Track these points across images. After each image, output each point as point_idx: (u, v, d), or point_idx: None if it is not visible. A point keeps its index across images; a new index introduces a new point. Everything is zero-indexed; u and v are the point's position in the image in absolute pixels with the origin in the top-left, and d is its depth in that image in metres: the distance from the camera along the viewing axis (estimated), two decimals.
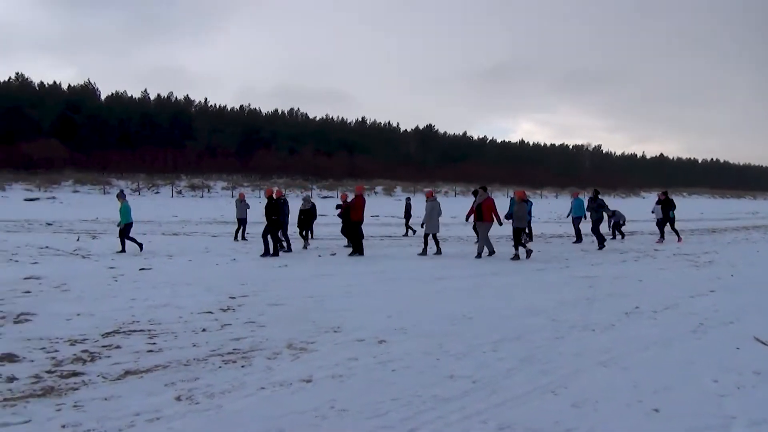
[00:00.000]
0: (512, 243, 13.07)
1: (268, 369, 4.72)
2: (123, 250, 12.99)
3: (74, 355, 5.00)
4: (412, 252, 13.80)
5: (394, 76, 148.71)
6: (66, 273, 9.65)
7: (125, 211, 13.51)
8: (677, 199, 21.44)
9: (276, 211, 13.31)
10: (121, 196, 14.11)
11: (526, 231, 14.59)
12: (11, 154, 46.94)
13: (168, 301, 7.48)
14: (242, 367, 4.77)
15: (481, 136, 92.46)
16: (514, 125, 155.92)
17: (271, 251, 12.99)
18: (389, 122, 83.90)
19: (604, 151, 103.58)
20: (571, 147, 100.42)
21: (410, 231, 19.49)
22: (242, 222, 16.95)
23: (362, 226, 13.83)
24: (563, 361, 5.10)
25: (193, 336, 5.75)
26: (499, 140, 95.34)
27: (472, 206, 14.00)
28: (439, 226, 13.83)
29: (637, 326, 6.52)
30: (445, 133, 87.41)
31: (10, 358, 4.87)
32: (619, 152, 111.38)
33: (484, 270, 11.21)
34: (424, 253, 13.42)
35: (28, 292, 7.93)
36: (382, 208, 29.55)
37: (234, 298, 7.80)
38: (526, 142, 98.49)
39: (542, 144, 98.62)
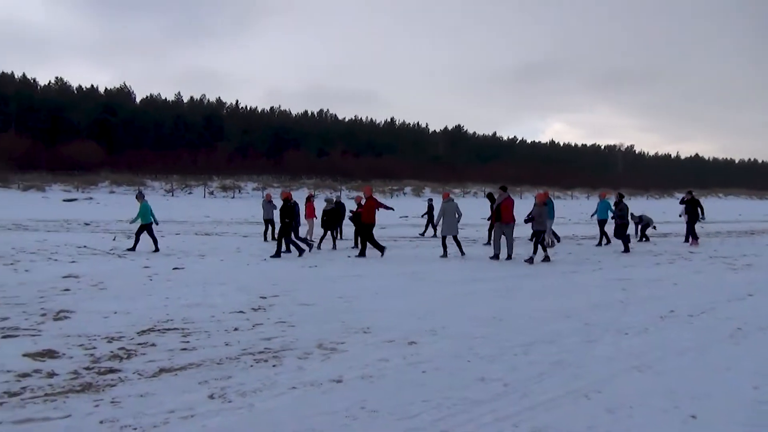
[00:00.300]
0: (537, 245, 12.72)
1: (299, 369, 4.76)
2: (133, 248, 13.26)
3: (111, 352, 5.12)
4: (436, 252, 13.72)
5: (423, 76, 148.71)
6: (103, 272, 9.90)
7: (144, 211, 13.74)
8: (713, 201, 20.88)
9: (290, 214, 13.38)
10: (140, 196, 14.30)
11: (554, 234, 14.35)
12: (51, 156, 48.38)
13: (201, 300, 7.61)
14: (273, 366, 4.82)
15: (510, 137, 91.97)
16: (545, 125, 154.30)
17: (281, 253, 13.01)
18: (418, 123, 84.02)
19: (637, 152, 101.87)
20: (603, 147, 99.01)
21: (430, 231, 19.54)
22: (269, 223, 17.12)
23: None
24: (596, 365, 5.02)
25: (225, 335, 5.84)
26: (529, 140, 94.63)
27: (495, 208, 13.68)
28: (456, 228, 13.49)
29: (672, 330, 6.38)
30: (475, 133, 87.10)
31: (51, 354, 5.01)
32: (652, 152, 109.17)
33: (515, 272, 11.11)
34: (444, 255, 13.24)
35: (67, 290, 8.16)
36: (411, 209, 29.50)
37: (265, 297, 7.89)
38: (556, 142, 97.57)
39: (573, 144, 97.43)
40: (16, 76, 60.68)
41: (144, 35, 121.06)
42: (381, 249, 13.38)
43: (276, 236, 16.09)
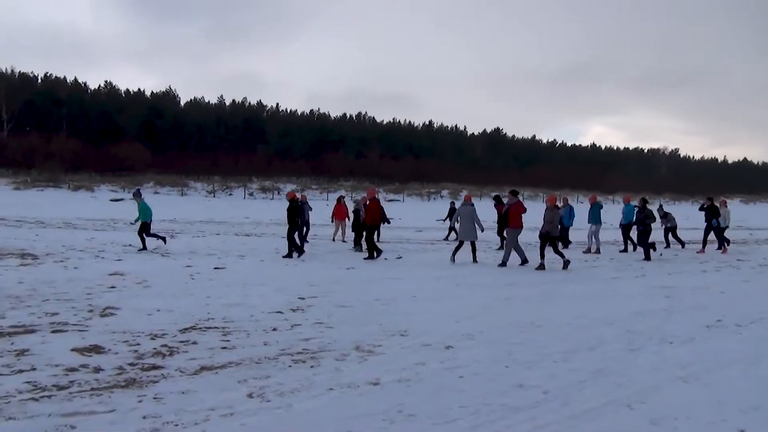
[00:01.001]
0: (553, 251, 12.27)
1: (337, 370, 4.78)
2: (144, 248, 13.35)
3: (154, 349, 5.25)
4: (479, 257, 13.60)
5: (462, 79, 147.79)
6: (147, 270, 10.17)
7: (143, 209, 13.81)
8: (762, 207, 19.95)
9: (295, 213, 13.45)
10: (138, 195, 14.38)
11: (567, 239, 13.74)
12: (100, 158, 50.08)
13: (241, 300, 7.73)
14: (311, 367, 4.86)
15: (550, 140, 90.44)
16: (585, 128, 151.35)
17: (294, 252, 13.08)
18: (456, 126, 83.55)
19: (681, 155, 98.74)
20: (646, 151, 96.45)
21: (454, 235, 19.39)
22: (305, 224, 17.27)
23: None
24: (639, 374, 4.89)
25: (264, 335, 5.91)
26: (569, 144, 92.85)
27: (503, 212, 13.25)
28: (475, 233, 12.95)
29: (719, 340, 6.17)
30: (513, 136, 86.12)
31: (97, 349, 5.17)
32: (698, 156, 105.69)
33: (554, 278, 10.92)
34: (474, 260, 12.71)
35: (113, 287, 8.41)
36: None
37: (303, 298, 7.96)
38: (597, 145, 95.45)
39: (615, 147, 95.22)
40: (68, 81, 63.04)
41: (188, 39, 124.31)
42: (378, 252, 13.23)
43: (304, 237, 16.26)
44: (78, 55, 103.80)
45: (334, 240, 17.46)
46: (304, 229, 15.81)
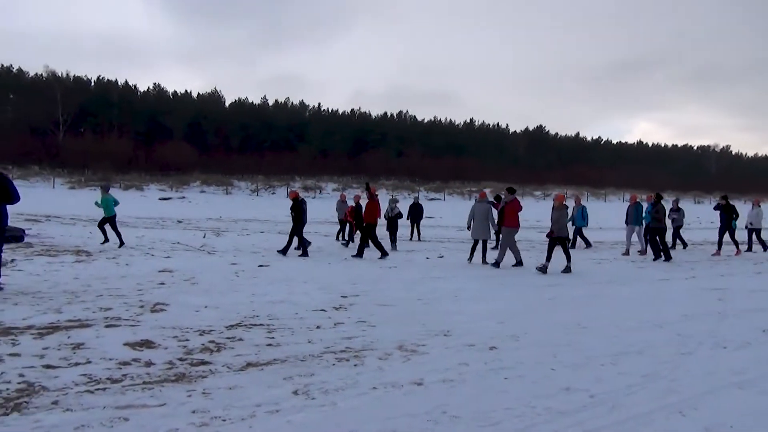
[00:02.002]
0: (563, 251, 11.51)
1: (380, 369, 4.80)
2: (106, 240, 13.52)
3: (202, 344, 5.38)
4: (527, 257, 13.41)
5: (504, 76, 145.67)
6: (194, 267, 10.42)
7: (106, 203, 13.87)
8: None
9: (299, 211, 13.46)
10: (105, 189, 14.49)
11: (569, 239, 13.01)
12: (149, 158, 51.68)
13: (285, 297, 7.84)
14: (355, 366, 4.89)
15: (594, 137, 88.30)
16: (632, 125, 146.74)
17: (305, 250, 13.12)
18: (498, 123, 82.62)
19: (733, 153, 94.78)
20: (695, 148, 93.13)
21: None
22: (344, 223, 17.36)
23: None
24: (692, 379, 4.73)
25: (308, 332, 5.98)
26: (614, 141, 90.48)
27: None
28: (489, 232, 12.56)
29: None
30: (557, 134, 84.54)
31: (148, 344, 5.33)
32: (751, 153, 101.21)
33: (600, 279, 10.68)
34: (484, 261, 12.29)
35: (162, 283, 8.66)
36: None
37: (346, 297, 8.02)
38: (644, 142, 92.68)
39: (663, 145, 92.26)
40: (119, 84, 65.25)
41: (234, 41, 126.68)
42: (367, 250, 13.17)
43: (348, 236, 16.32)
44: (129, 59, 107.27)
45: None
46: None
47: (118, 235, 13.61)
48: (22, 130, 51.48)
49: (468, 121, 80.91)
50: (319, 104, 74.15)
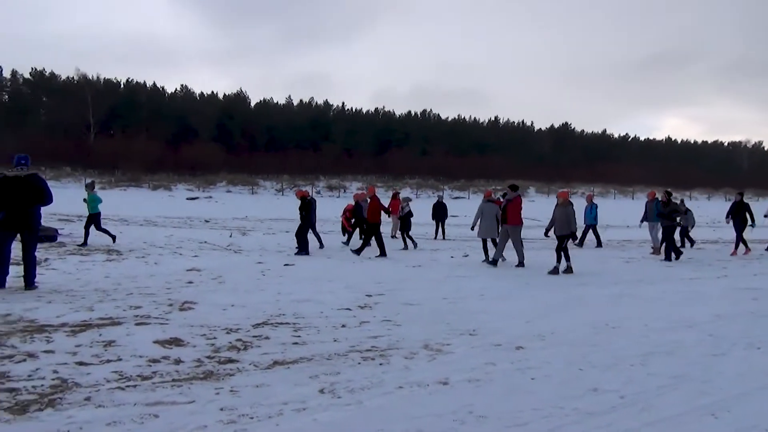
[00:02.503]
0: (559, 253, 11.09)
1: (406, 368, 4.79)
2: (85, 243, 12.96)
3: (230, 343, 5.44)
4: (547, 256, 13.27)
5: (529, 73, 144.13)
6: (221, 266, 10.56)
7: (94, 200, 13.73)
8: None
9: (308, 210, 13.50)
10: (90, 186, 14.41)
11: (576, 238, 12.72)
12: (177, 158, 52.50)
13: (310, 296, 7.88)
14: (380, 365, 4.89)
15: (622, 134, 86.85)
16: (660, 121, 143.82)
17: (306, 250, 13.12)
18: (522, 121, 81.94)
19: (765, 148, 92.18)
20: (726, 144, 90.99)
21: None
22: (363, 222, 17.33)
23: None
24: (724, 381, 4.62)
25: (333, 331, 6.01)
26: (642, 138, 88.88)
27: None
28: (496, 231, 12.32)
29: None
30: (583, 131, 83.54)
31: (177, 342, 5.41)
32: None
33: (629, 277, 10.51)
34: (492, 263, 11.89)
35: (191, 282, 8.78)
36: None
37: (370, 296, 8.03)
38: (673, 139, 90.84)
39: (692, 141, 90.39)
40: (147, 85, 66.44)
41: (259, 42, 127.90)
42: (367, 248, 13.15)
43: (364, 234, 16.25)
44: (157, 61, 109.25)
45: (394, 236, 17.37)
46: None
47: (106, 232, 13.65)
48: (55, 131, 52.77)
49: (492, 119, 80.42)
50: (343, 103, 74.51)
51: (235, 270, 10.20)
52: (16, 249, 7.98)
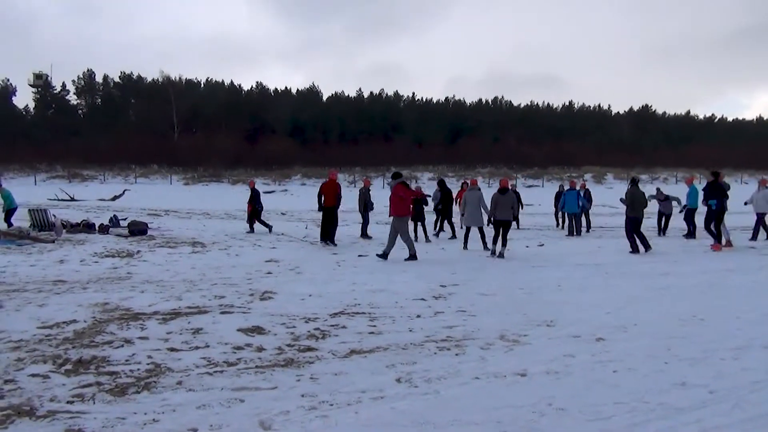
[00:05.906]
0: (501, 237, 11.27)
1: (482, 359, 4.77)
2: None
3: (308, 331, 5.61)
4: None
5: (606, 54, 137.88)
6: (298, 257, 10.87)
7: (7, 196, 14.02)
8: None
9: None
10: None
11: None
12: (254, 153, 54.32)
13: (384, 286, 7.97)
14: (456, 355, 4.89)
15: (708, 115, 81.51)
16: (750, 100, 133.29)
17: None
18: (599, 105, 78.50)
19: None
20: None
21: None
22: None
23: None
24: None
25: (408, 321, 6.06)
26: (730, 118, 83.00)
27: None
28: (481, 219, 12.47)
29: None
30: (664, 113, 78.99)
31: (259, 330, 5.65)
32: None
33: (717, 267, 9.92)
34: (484, 247, 12.10)
35: (270, 273, 9.11)
36: (595, 198, 27.79)
37: (444, 286, 8.02)
38: (765, 118, 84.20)
39: None
40: (225, 84, 69.02)
41: (331, 36, 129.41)
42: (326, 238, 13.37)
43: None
44: (234, 59, 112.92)
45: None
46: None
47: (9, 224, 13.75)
48: (142, 131, 55.83)
49: (567, 103, 77.67)
50: (413, 94, 74.23)
51: (312, 261, 10.47)
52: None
